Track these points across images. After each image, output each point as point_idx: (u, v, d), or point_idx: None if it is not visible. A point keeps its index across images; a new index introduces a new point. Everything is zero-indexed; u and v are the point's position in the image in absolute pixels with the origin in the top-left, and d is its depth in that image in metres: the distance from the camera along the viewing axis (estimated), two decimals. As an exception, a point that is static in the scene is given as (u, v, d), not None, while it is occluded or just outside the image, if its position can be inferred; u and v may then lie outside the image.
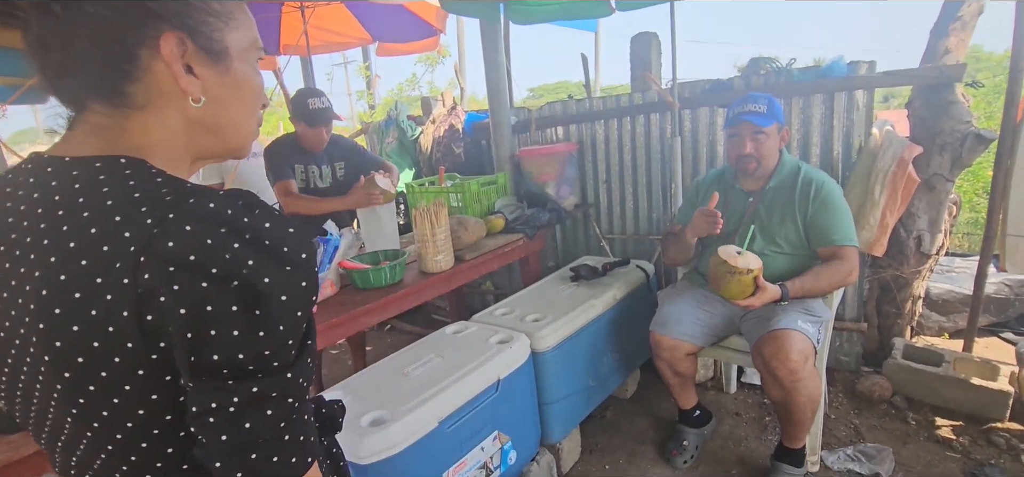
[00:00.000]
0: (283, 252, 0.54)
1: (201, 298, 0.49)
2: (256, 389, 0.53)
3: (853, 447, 2.08)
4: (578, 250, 3.33)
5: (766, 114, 1.89)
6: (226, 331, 0.50)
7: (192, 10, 0.57)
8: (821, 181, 1.89)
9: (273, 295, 0.53)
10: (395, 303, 2.05)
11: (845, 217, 1.87)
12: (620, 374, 2.45)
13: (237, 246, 0.51)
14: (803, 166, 1.96)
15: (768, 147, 1.93)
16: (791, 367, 1.69)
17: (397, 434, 1.46)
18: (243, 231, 0.52)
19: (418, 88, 8.44)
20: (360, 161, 2.63)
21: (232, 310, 0.50)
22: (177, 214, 0.51)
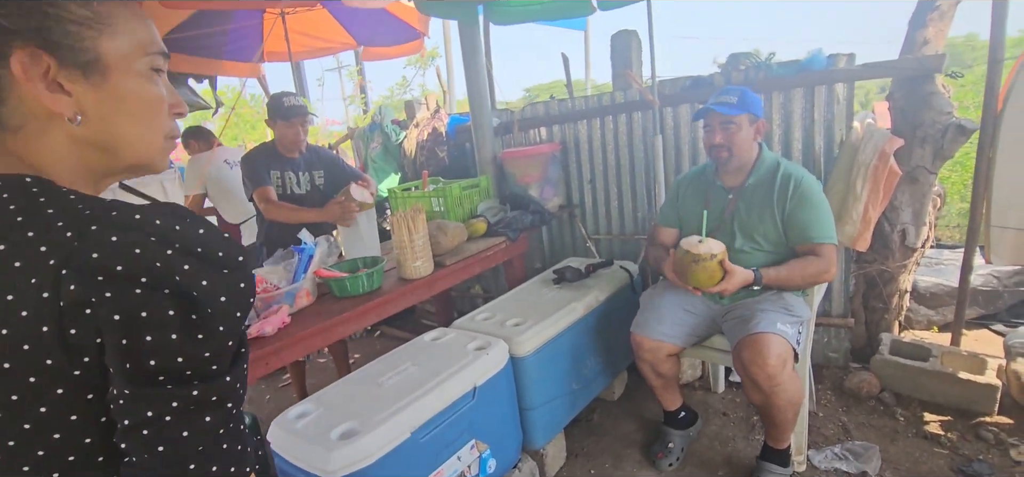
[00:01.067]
0: (217, 257, 0.54)
1: (135, 305, 0.48)
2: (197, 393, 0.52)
3: (840, 445, 2.05)
4: (565, 251, 3.31)
5: (736, 105, 1.86)
6: (163, 336, 0.50)
7: (50, 20, 0.52)
8: (800, 177, 1.87)
9: (210, 300, 0.52)
10: (373, 311, 2.03)
11: (824, 214, 1.84)
12: (605, 376, 2.42)
13: (169, 253, 0.51)
14: (783, 162, 1.93)
15: (739, 138, 1.89)
16: (769, 372, 1.67)
17: (368, 446, 1.43)
18: (173, 239, 0.51)
19: (409, 91, 8.42)
20: (338, 172, 2.63)
21: (169, 315, 0.50)
22: (100, 226, 0.50)
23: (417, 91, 8.08)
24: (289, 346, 1.75)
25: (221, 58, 3.72)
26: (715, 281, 1.74)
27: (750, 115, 1.89)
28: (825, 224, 1.82)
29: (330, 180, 2.61)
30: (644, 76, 2.82)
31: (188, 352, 0.51)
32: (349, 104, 9.36)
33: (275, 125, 2.42)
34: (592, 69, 6.77)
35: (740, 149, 1.90)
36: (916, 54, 2.14)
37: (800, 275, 1.82)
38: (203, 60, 3.60)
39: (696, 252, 1.72)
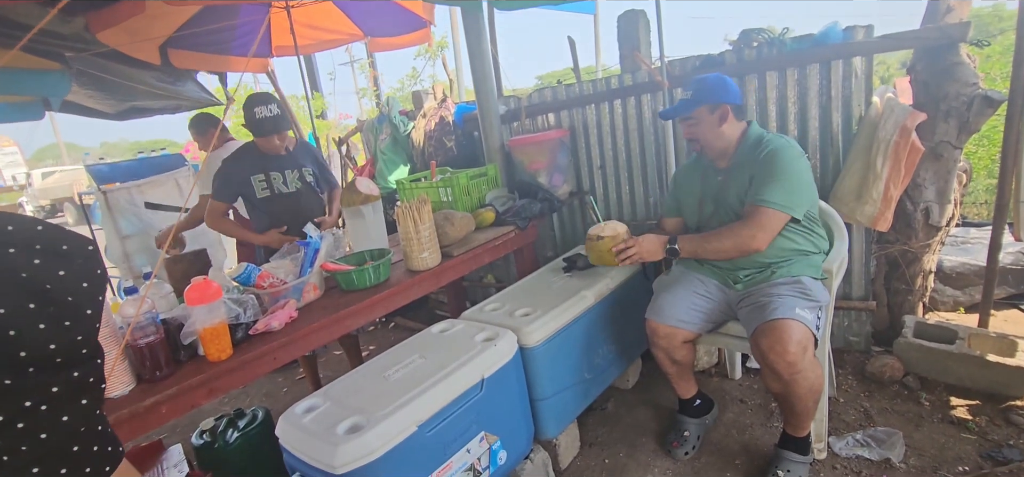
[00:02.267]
0: (63, 249, 0.54)
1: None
2: (77, 375, 0.54)
3: (862, 431, 1.99)
4: (576, 238, 3.26)
5: (690, 100, 1.91)
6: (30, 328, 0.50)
7: None
8: (775, 145, 1.82)
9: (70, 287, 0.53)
10: (381, 303, 2.02)
11: (779, 178, 1.76)
12: (619, 365, 2.38)
13: (11, 251, 0.51)
14: (766, 135, 1.88)
15: (702, 130, 1.92)
16: (789, 360, 1.62)
17: (374, 440, 1.42)
18: (10, 239, 0.52)
19: (420, 82, 8.39)
20: (321, 171, 2.68)
21: (29, 308, 0.50)
22: None
23: (428, 82, 8.05)
24: (296, 340, 1.74)
25: (229, 54, 3.72)
26: (609, 260, 1.99)
27: (708, 105, 1.89)
28: (775, 189, 1.76)
29: (317, 177, 2.63)
30: (653, 57, 2.75)
31: (59, 339, 0.52)
32: (361, 97, 9.37)
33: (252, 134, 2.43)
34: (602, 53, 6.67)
35: (707, 138, 1.93)
36: (939, 23, 2.04)
37: (719, 241, 1.82)
38: (210, 56, 3.60)
39: (591, 233, 2.04)
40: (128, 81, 3.38)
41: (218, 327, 1.53)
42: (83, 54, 2.85)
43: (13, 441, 0.49)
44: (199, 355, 1.60)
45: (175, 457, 2.00)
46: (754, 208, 1.78)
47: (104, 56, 2.99)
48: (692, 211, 2.07)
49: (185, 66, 3.49)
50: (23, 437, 0.50)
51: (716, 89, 1.88)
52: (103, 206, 4.20)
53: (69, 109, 3.51)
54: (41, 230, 0.54)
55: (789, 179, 1.76)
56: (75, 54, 2.81)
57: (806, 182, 1.80)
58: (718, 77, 1.91)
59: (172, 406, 1.49)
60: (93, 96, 3.43)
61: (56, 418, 0.51)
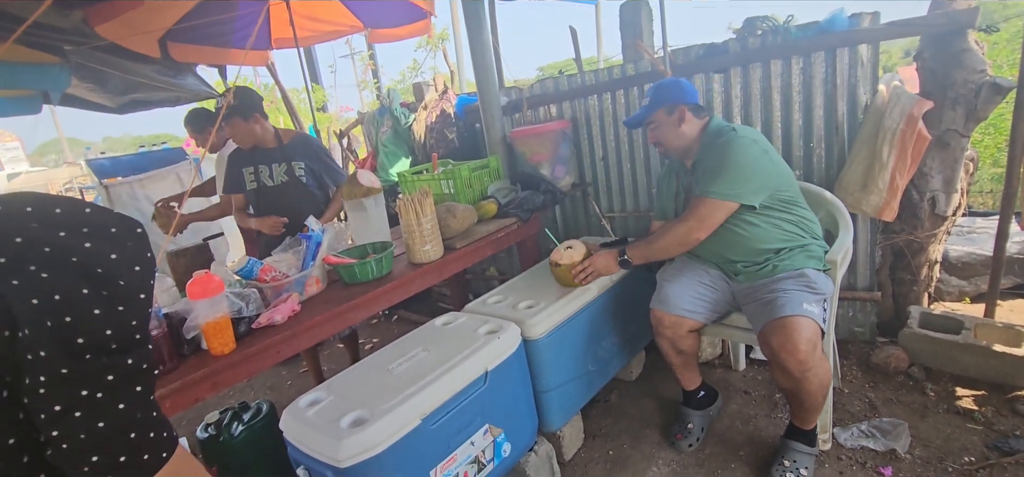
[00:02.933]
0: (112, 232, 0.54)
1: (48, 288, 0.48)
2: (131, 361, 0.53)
3: (867, 422, 1.98)
4: (578, 230, 3.25)
5: (648, 106, 1.97)
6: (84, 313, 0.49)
7: None
8: (726, 137, 1.81)
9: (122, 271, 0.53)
10: (384, 297, 2.01)
11: (726, 169, 1.76)
12: (623, 357, 2.38)
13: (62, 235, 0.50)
14: (726, 127, 1.87)
15: (663, 133, 1.96)
16: (800, 358, 1.61)
17: (378, 434, 1.42)
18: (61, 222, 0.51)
19: (421, 74, 8.35)
20: (323, 168, 2.66)
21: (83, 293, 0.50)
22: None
23: (428, 74, 8.01)
24: (299, 334, 1.73)
25: (229, 46, 3.70)
26: (570, 282, 2.08)
27: (665, 107, 1.94)
28: (717, 180, 1.77)
29: (315, 172, 2.62)
30: (655, 46, 2.72)
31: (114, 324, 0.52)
32: (362, 89, 9.33)
33: None
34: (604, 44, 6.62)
35: (668, 140, 1.97)
36: (947, 9, 2.01)
37: (660, 240, 1.88)
38: (210, 49, 3.58)
39: (550, 261, 2.16)
40: (128, 74, 3.36)
41: (221, 321, 1.53)
42: (82, 47, 2.84)
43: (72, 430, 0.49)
44: (202, 349, 1.59)
45: (179, 451, 2.00)
46: (696, 200, 1.83)
47: (103, 50, 2.97)
48: (671, 211, 2.13)
49: (185, 59, 3.47)
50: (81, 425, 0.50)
51: (672, 91, 1.95)
52: (105, 200, 4.20)
53: (69, 102, 3.50)
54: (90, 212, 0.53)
55: (735, 168, 1.76)
56: (74, 47, 2.79)
57: (758, 168, 1.77)
58: (673, 81, 1.99)
59: (176, 400, 1.48)
60: (93, 90, 3.41)
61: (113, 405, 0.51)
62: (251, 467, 2.05)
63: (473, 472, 1.69)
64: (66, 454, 0.50)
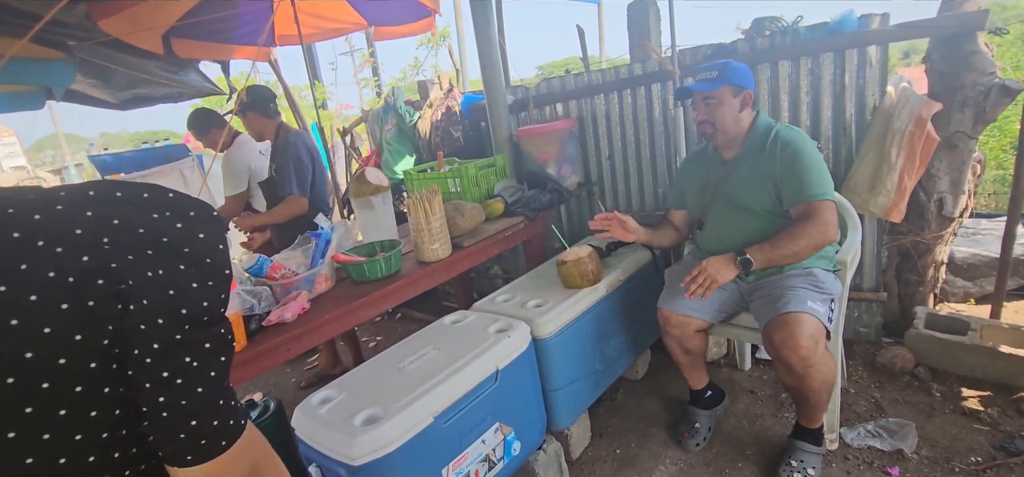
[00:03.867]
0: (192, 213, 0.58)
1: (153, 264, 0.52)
2: (223, 331, 0.58)
3: (874, 422, 1.99)
4: (584, 230, 3.25)
5: (715, 79, 1.84)
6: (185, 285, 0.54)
7: None
8: (789, 137, 1.79)
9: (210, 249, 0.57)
10: (392, 295, 2.00)
11: (817, 171, 1.75)
12: (629, 356, 2.38)
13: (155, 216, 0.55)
14: (776, 126, 1.85)
15: (721, 112, 1.86)
16: (802, 354, 1.61)
17: (391, 432, 1.41)
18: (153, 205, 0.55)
19: (422, 73, 8.33)
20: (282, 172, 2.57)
21: (180, 269, 0.54)
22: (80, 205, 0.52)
23: (430, 72, 8.00)
24: (309, 332, 1.73)
25: (231, 43, 3.68)
26: (586, 280, 2.10)
27: (733, 87, 1.84)
28: (819, 181, 1.74)
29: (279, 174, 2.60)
30: (663, 46, 2.72)
31: (208, 297, 0.56)
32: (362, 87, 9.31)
33: None
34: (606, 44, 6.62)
35: (723, 123, 1.87)
36: (957, 11, 2.01)
37: (795, 245, 1.75)
38: (213, 45, 3.56)
39: (558, 260, 2.16)
40: (130, 70, 3.35)
41: (233, 318, 1.52)
42: (86, 43, 2.82)
43: (175, 396, 0.53)
44: (213, 347, 1.59)
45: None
46: (813, 205, 1.73)
47: (107, 45, 2.96)
48: (694, 201, 2.08)
49: (188, 55, 3.45)
50: (183, 392, 0.54)
51: (741, 73, 1.85)
52: (107, 197, 4.18)
53: (71, 98, 3.47)
54: (173, 197, 0.58)
55: (820, 166, 1.76)
56: (78, 43, 2.77)
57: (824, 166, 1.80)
58: (743, 64, 1.88)
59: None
60: (96, 85, 3.39)
61: (206, 373, 0.56)
62: (258, 465, 2.04)
63: (484, 470, 1.69)
64: (166, 422, 0.53)
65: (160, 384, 0.52)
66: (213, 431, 0.56)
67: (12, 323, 0.45)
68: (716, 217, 1.98)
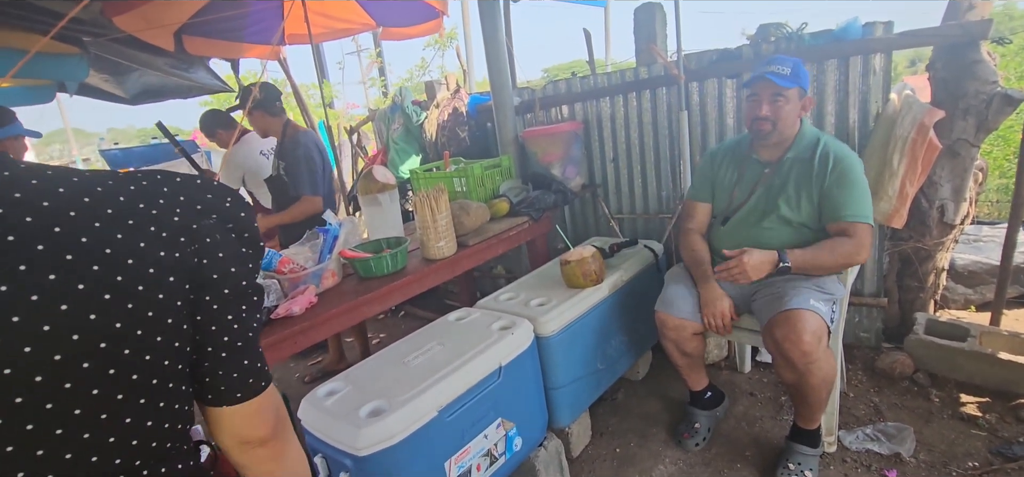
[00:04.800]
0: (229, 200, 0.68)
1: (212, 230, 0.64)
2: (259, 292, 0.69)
3: (872, 426, 2.01)
4: (588, 231, 3.28)
5: (789, 77, 1.78)
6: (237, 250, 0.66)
7: None
8: (841, 154, 1.79)
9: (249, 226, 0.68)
10: (398, 291, 2.03)
11: (862, 194, 1.76)
12: (630, 356, 2.41)
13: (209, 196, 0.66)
14: (824, 138, 1.85)
15: (786, 112, 1.81)
16: (804, 349, 1.62)
17: (396, 424, 1.44)
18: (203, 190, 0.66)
19: (428, 73, 8.37)
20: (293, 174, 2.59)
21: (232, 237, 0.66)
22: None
23: (436, 73, 8.03)
24: (317, 325, 1.76)
25: (242, 41, 3.73)
26: (588, 281, 2.12)
27: (800, 89, 1.83)
28: (862, 204, 1.75)
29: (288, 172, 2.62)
30: (669, 50, 2.75)
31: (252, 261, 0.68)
32: (369, 87, 9.35)
33: None
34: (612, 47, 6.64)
35: (785, 123, 1.83)
36: (961, 20, 2.03)
37: (831, 258, 1.76)
38: (223, 43, 3.61)
39: (561, 260, 2.19)
40: (142, 66, 3.39)
41: (242, 310, 1.55)
42: (100, 39, 2.87)
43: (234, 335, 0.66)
44: (222, 338, 1.62)
45: (197, 436, 2.03)
46: (854, 226, 1.74)
47: (119, 41, 3.01)
48: (723, 197, 2.03)
49: (199, 53, 3.50)
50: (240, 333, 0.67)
51: (807, 77, 1.84)
52: (116, 191, 4.23)
53: (84, 92, 3.53)
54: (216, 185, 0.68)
55: (864, 190, 1.77)
56: (93, 38, 2.82)
57: None
58: (804, 67, 1.85)
59: (196, 387, 1.51)
60: (108, 80, 3.45)
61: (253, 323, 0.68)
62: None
63: (486, 465, 1.71)
64: (226, 361, 0.65)
65: (225, 326, 0.65)
66: (257, 372, 0.69)
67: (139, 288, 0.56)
68: (745, 219, 1.95)
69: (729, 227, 1.99)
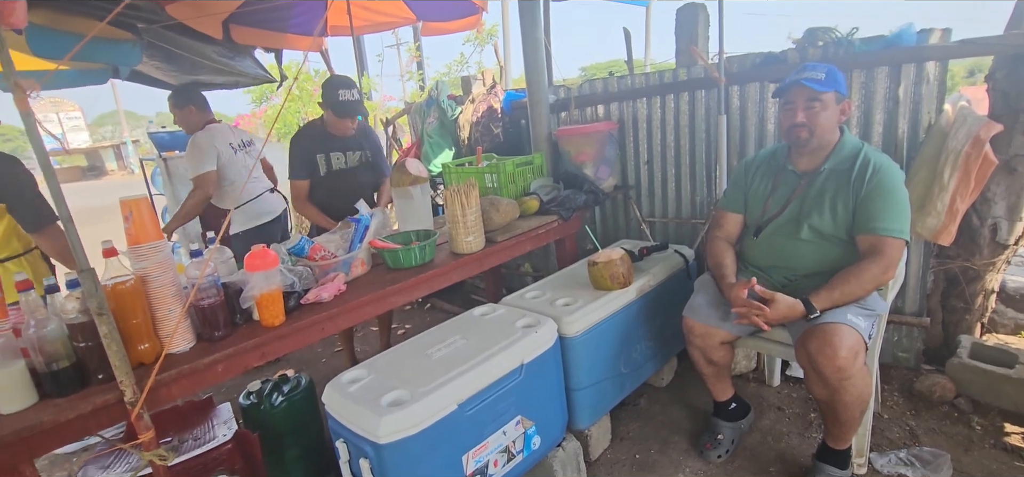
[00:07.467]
0: None
1: None
2: None
3: (907, 450, 1.93)
4: (618, 233, 3.24)
5: (824, 81, 1.71)
6: None
7: None
8: (881, 164, 1.71)
9: None
10: (425, 283, 2.05)
11: (898, 207, 1.67)
12: (655, 362, 2.37)
13: None
14: (866, 148, 1.76)
15: (823, 118, 1.74)
16: (839, 364, 1.56)
17: (416, 414, 1.46)
18: None
19: (467, 68, 8.41)
20: (377, 159, 2.77)
21: None
22: None
23: (474, 68, 8.07)
24: (344, 313, 1.80)
25: (285, 31, 3.82)
26: (616, 282, 2.10)
27: (837, 93, 1.74)
28: (897, 218, 1.66)
29: (372, 161, 2.75)
30: (710, 52, 2.69)
31: None
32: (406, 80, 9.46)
33: (327, 113, 2.53)
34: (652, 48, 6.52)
35: (822, 130, 1.76)
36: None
37: (857, 287, 1.65)
38: (268, 33, 3.70)
39: (589, 261, 2.17)
40: (191, 54, 3.52)
41: (274, 294, 1.60)
42: (153, 26, 2.98)
43: None
44: (254, 320, 1.67)
45: (225, 414, 2.11)
46: (884, 240, 1.65)
47: (171, 28, 3.12)
48: (756, 207, 1.97)
49: (245, 42, 3.60)
50: None
51: (844, 81, 1.76)
52: (164, 172, 4.41)
53: (135, 78, 3.68)
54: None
55: (903, 203, 1.68)
56: (147, 25, 2.94)
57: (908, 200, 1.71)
58: (840, 71, 1.78)
59: (227, 366, 1.56)
60: (160, 67, 3.59)
61: None
62: (288, 436, 2.12)
63: (503, 461, 1.72)
64: None
65: None
66: None
67: None
68: (778, 231, 1.88)
69: (761, 239, 1.93)
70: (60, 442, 1.34)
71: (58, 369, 1.32)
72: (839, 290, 1.66)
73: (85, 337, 1.33)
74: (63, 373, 1.33)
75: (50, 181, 1.23)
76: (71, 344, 1.34)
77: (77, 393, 1.36)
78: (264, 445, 1.85)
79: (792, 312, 1.68)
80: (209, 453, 1.81)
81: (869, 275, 1.65)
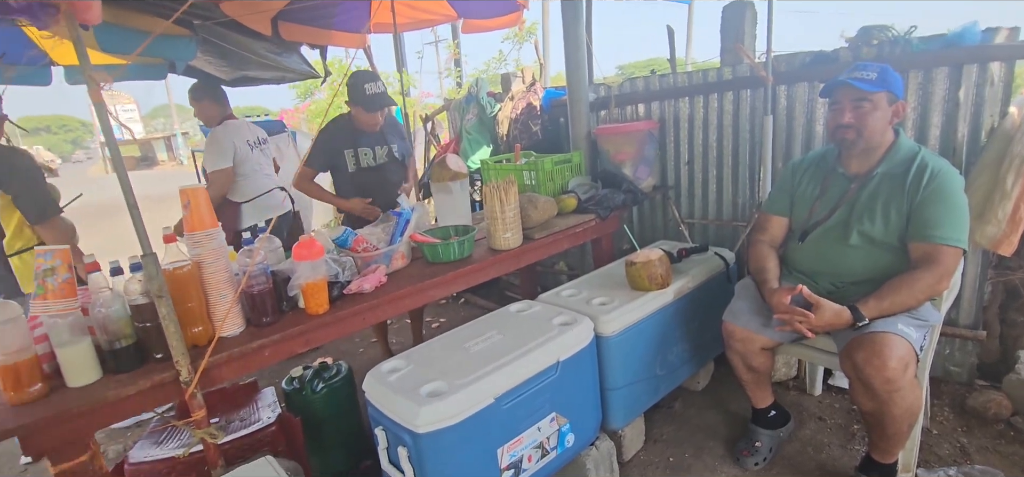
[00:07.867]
0: None
1: None
2: None
3: (957, 468, 1.85)
4: (656, 234, 3.21)
5: (875, 81, 1.64)
6: None
7: None
8: (939, 168, 1.62)
9: None
10: (462, 278, 2.09)
11: (957, 214, 1.59)
12: (691, 365, 2.34)
13: None
14: (923, 151, 1.68)
15: (873, 119, 1.66)
16: (888, 376, 1.50)
17: (454, 406, 1.49)
18: None
19: (505, 66, 8.45)
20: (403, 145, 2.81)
21: None
22: None
23: (512, 66, 8.09)
24: (384, 304, 1.84)
25: (331, 28, 3.92)
26: (654, 284, 2.08)
27: (889, 94, 1.67)
28: (955, 226, 1.58)
29: (402, 152, 2.77)
30: (757, 51, 2.62)
31: None
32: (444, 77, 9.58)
33: (354, 109, 2.56)
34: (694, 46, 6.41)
35: (871, 131, 1.68)
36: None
37: (909, 297, 1.58)
38: (315, 30, 3.80)
39: (627, 261, 2.16)
40: (242, 50, 3.65)
41: (319, 283, 1.65)
42: (208, 22, 3.11)
43: None
44: (299, 308, 1.73)
45: (269, 398, 2.18)
46: (940, 249, 1.58)
47: (223, 25, 3.25)
48: (802, 211, 1.91)
49: (292, 38, 3.70)
50: None
51: (898, 82, 1.68)
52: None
53: (189, 72, 3.84)
54: None
55: (962, 211, 1.60)
56: (202, 22, 3.06)
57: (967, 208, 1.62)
58: (898, 74, 1.70)
59: (274, 351, 1.63)
60: (212, 63, 3.73)
61: None
62: (327, 422, 2.19)
63: (537, 457, 1.73)
64: None
65: None
66: None
67: None
68: (825, 235, 1.81)
69: (807, 244, 1.87)
70: (120, 416, 1.42)
71: (120, 347, 1.41)
72: (889, 299, 1.59)
73: (145, 318, 1.41)
74: (124, 352, 1.42)
75: (119, 168, 1.30)
76: (133, 324, 1.42)
77: (137, 370, 1.44)
78: (305, 429, 1.92)
79: (838, 320, 1.62)
80: (254, 434, 1.88)
81: (922, 284, 1.58)
